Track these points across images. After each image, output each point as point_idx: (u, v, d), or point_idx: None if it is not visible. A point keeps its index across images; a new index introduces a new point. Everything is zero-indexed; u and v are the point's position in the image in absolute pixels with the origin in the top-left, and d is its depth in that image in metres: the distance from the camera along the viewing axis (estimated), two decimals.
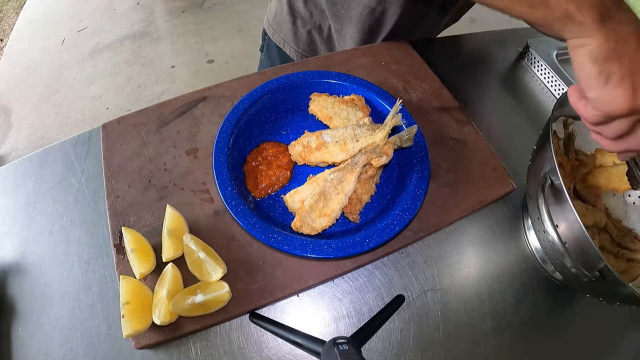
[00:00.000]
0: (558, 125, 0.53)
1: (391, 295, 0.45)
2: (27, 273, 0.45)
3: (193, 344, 0.41)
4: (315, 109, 0.54)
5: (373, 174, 0.48)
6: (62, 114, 1.85)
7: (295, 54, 0.76)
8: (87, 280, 0.44)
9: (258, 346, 0.41)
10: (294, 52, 0.76)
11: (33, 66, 2.05)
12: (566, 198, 0.36)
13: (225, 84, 0.59)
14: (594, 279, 0.37)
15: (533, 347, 0.45)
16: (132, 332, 0.37)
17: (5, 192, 0.51)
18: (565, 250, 0.39)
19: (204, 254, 0.41)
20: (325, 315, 0.44)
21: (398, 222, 0.44)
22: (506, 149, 0.57)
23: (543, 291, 0.48)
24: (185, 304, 0.38)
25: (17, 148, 1.72)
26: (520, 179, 0.54)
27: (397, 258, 0.48)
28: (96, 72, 2.02)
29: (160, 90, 1.95)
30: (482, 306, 0.46)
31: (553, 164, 0.38)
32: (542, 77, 0.72)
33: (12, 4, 2.46)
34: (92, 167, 0.52)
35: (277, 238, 0.42)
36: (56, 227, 0.48)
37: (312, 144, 0.48)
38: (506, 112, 0.66)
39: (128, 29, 2.26)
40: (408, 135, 0.49)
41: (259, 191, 0.48)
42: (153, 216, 0.46)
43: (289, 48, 0.76)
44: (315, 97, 0.55)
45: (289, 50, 0.76)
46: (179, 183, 0.49)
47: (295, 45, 0.75)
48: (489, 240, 0.51)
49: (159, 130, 0.54)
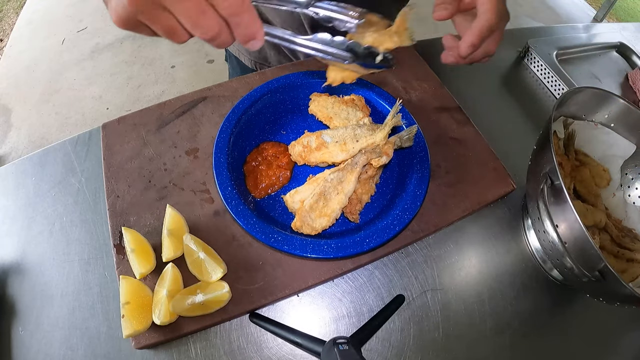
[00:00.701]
0: (558, 125, 0.53)
1: (391, 295, 0.45)
2: (27, 273, 0.45)
3: (193, 344, 0.41)
4: (315, 109, 0.54)
5: (373, 174, 0.48)
6: (62, 114, 1.85)
7: (250, 62, 0.75)
8: (87, 280, 0.44)
9: (258, 346, 0.41)
10: (248, 60, 0.75)
11: (33, 66, 2.05)
12: (566, 198, 0.36)
13: (225, 84, 0.59)
14: (594, 279, 0.37)
15: (533, 347, 0.45)
16: (132, 332, 0.37)
17: (5, 192, 0.51)
18: (565, 250, 0.39)
19: (204, 254, 0.41)
20: (325, 315, 0.44)
21: (398, 222, 0.44)
22: (506, 149, 0.57)
23: (543, 291, 0.48)
24: (185, 304, 0.38)
25: (17, 148, 1.72)
26: (520, 179, 0.54)
27: (397, 258, 0.48)
28: (96, 72, 2.02)
29: (160, 90, 1.95)
30: (482, 306, 0.46)
31: (553, 164, 0.38)
32: (542, 77, 0.72)
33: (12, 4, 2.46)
34: (92, 167, 0.52)
35: (277, 238, 0.42)
36: (56, 227, 0.48)
37: (312, 144, 0.48)
38: (506, 112, 0.66)
39: None
40: (408, 135, 0.49)
41: (259, 191, 0.48)
42: (153, 216, 0.46)
43: (243, 57, 0.75)
44: (315, 97, 0.55)
45: (244, 59, 0.75)
46: (179, 183, 0.49)
47: (247, 53, 0.74)
48: (489, 240, 0.51)
49: (159, 130, 0.54)
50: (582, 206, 0.49)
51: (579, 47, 0.80)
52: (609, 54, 0.82)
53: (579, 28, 0.86)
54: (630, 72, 0.77)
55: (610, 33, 0.86)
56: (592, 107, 0.53)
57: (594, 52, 0.81)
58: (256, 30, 0.28)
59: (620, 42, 0.82)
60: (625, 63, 0.81)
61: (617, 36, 0.85)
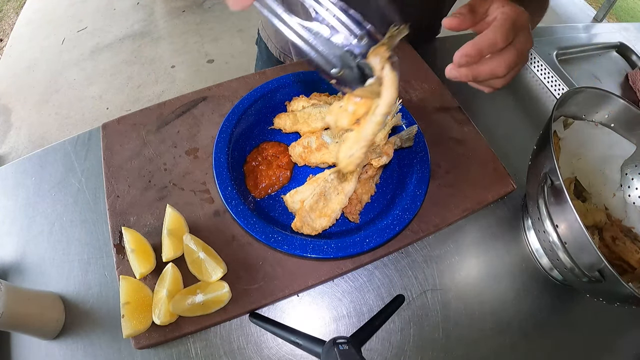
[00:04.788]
0: (558, 125, 0.53)
1: (391, 295, 0.45)
2: (27, 273, 0.45)
3: (193, 344, 0.41)
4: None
5: (373, 174, 0.48)
6: (62, 114, 1.85)
7: (275, 50, 0.77)
8: (87, 280, 0.44)
9: (258, 346, 0.41)
10: (274, 48, 0.77)
11: (33, 66, 2.05)
12: (566, 198, 0.36)
13: (225, 84, 0.59)
14: (594, 279, 0.37)
15: (533, 347, 0.45)
16: (132, 332, 0.37)
17: (5, 192, 0.51)
18: (565, 250, 0.39)
19: (204, 254, 0.41)
20: (325, 315, 0.44)
21: (398, 222, 0.44)
22: (506, 149, 0.57)
23: (543, 291, 0.48)
24: (185, 304, 0.38)
25: (17, 148, 1.72)
26: (520, 179, 0.54)
27: (397, 258, 0.48)
28: (96, 72, 2.02)
29: (160, 90, 1.95)
30: (482, 306, 0.46)
31: (553, 164, 0.38)
32: (542, 77, 0.72)
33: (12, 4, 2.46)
34: (92, 167, 0.52)
35: (277, 238, 0.42)
36: (56, 227, 0.48)
37: (312, 144, 0.48)
38: (506, 112, 0.66)
39: (128, 29, 2.26)
40: (408, 135, 0.49)
41: (259, 191, 0.48)
42: (153, 216, 0.46)
43: (271, 44, 0.77)
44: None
45: (271, 46, 0.78)
46: (179, 183, 0.49)
47: (274, 40, 0.76)
48: (489, 240, 0.51)
49: (159, 130, 0.54)
50: (582, 206, 0.49)
51: (579, 47, 0.80)
52: (609, 54, 0.82)
53: (579, 28, 0.86)
54: (630, 72, 0.77)
55: (610, 33, 0.86)
56: (592, 107, 0.53)
57: (594, 52, 0.81)
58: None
59: (620, 42, 0.83)
60: (625, 63, 0.81)
61: (617, 36, 0.85)
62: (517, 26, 0.37)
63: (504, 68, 0.37)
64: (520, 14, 0.37)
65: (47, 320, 0.40)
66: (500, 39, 0.35)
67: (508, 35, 0.36)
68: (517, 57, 0.37)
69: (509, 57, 0.37)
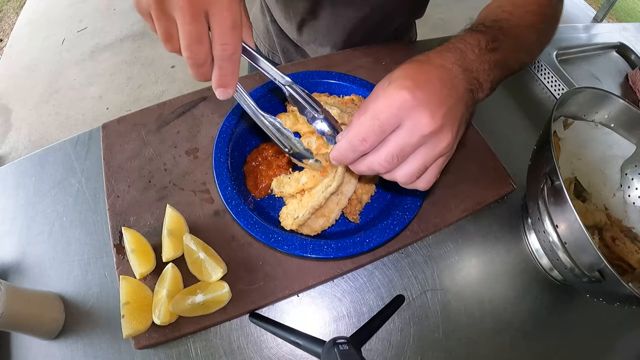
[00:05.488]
0: (558, 125, 0.53)
1: (391, 295, 0.45)
2: (27, 273, 0.45)
3: (193, 344, 0.41)
4: None
5: (373, 174, 0.48)
6: (62, 114, 1.85)
7: (264, 49, 0.77)
8: (87, 280, 0.44)
9: (258, 346, 0.41)
10: (263, 47, 0.77)
11: (33, 66, 2.05)
12: (566, 198, 0.36)
13: None
14: (594, 279, 0.37)
15: (533, 347, 0.45)
16: (132, 332, 0.37)
17: (5, 192, 0.51)
18: (565, 250, 0.39)
19: (204, 254, 0.41)
20: (325, 315, 0.44)
21: (398, 222, 0.44)
22: (506, 149, 0.57)
23: (543, 291, 0.48)
24: (185, 304, 0.38)
25: (17, 148, 1.72)
26: (520, 179, 0.54)
27: (397, 258, 0.48)
28: (96, 72, 2.02)
29: (160, 90, 1.95)
30: (482, 306, 0.46)
31: (553, 164, 0.38)
32: (542, 77, 0.72)
33: (12, 4, 2.46)
34: (92, 167, 0.52)
35: (277, 238, 0.42)
36: (56, 227, 0.48)
37: (312, 144, 0.48)
38: (506, 112, 0.66)
39: (128, 29, 2.26)
40: None
41: (259, 191, 0.48)
42: (153, 216, 0.46)
43: (260, 42, 0.77)
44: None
45: (260, 45, 0.77)
46: (179, 183, 0.49)
47: (263, 40, 0.76)
48: (489, 240, 0.51)
49: (159, 130, 0.54)
50: (582, 206, 0.49)
51: (579, 47, 0.80)
52: (609, 54, 0.82)
53: (579, 28, 0.86)
54: (630, 72, 0.77)
55: (610, 33, 0.86)
56: (592, 107, 0.53)
57: (594, 52, 0.81)
58: (230, 83, 0.32)
59: (620, 42, 0.83)
60: (625, 63, 0.81)
61: (617, 36, 0.85)
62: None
63: (402, 177, 0.32)
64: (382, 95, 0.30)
65: (47, 320, 0.40)
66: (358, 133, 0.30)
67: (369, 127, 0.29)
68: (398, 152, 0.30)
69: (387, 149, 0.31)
